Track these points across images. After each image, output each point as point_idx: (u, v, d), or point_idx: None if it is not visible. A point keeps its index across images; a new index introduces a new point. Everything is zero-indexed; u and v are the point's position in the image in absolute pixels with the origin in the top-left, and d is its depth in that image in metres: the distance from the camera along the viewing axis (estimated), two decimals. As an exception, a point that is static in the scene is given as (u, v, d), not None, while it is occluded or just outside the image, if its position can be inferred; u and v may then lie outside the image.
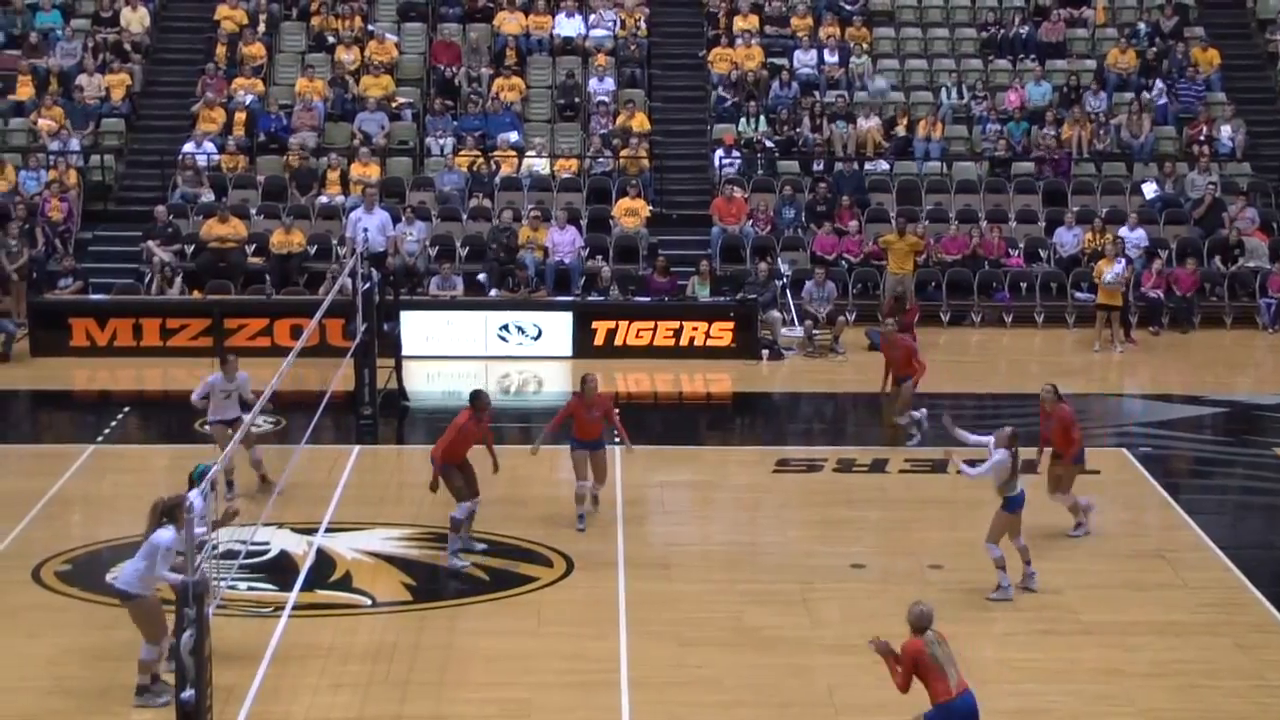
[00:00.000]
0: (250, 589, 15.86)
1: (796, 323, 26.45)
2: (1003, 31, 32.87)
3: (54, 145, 29.45)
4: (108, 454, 20.27)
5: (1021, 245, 28.63)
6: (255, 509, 16.30)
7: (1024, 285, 28.03)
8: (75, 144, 29.71)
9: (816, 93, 31.25)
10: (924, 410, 20.68)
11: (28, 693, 13.64)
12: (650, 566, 16.33)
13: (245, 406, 17.83)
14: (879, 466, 20.16)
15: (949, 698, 11.66)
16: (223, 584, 14.36)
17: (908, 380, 20.65)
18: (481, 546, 16.85)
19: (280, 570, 16.46)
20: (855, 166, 30.05)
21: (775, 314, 26.15)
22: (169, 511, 12.93)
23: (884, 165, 30.26)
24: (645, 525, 17.87)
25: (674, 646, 14.57)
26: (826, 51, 32.06)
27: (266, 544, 16.87)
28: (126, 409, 22.73)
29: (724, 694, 13.84)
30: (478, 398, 16.88)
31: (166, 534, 12.79)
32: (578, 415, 17.41)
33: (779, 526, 18.14)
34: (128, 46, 31.71)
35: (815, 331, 26.01)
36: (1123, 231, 28.12)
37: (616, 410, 18.07)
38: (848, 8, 33.19)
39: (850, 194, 29.01)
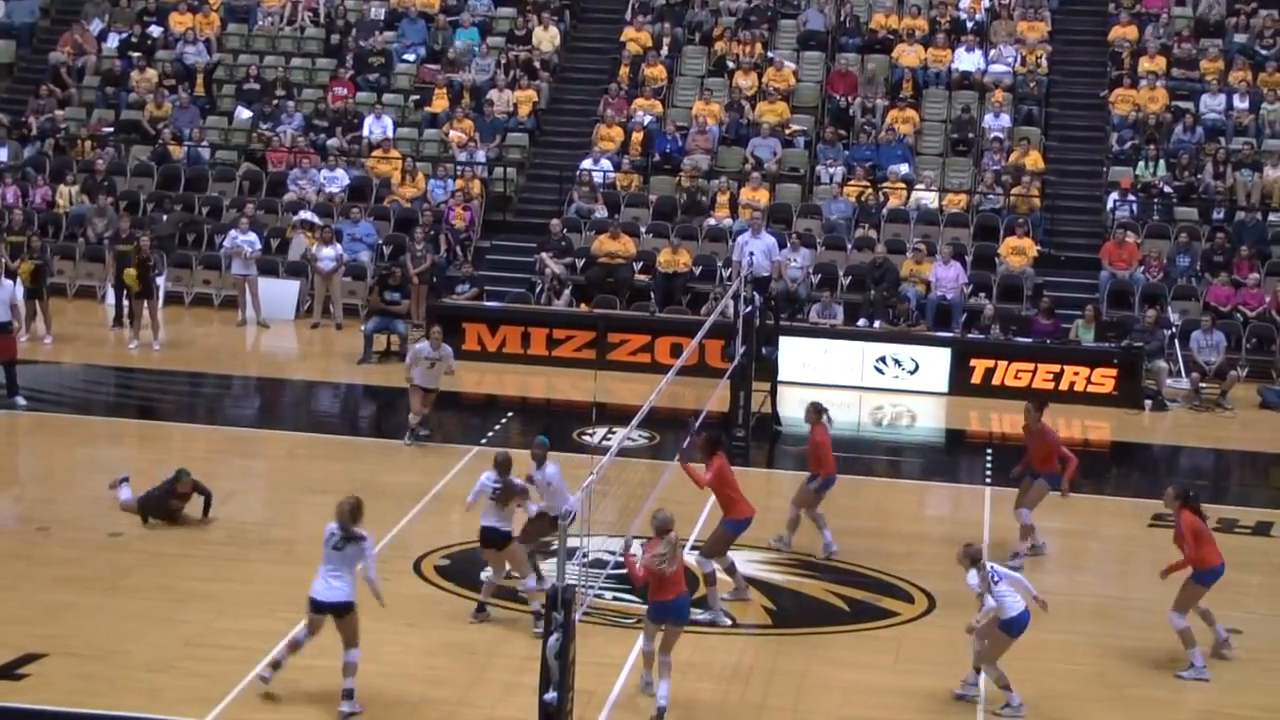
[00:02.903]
0: (615, 599, 16.28)
1: (1183, 374, 25.63)
2: None
3: (462, 156, 30.81)
4: (490, 456, 20.92)
5: None
6: (626, 521, 16.70)
7: None
8: (481, 156, 31.02)
9: (1222, 139, 30.27)
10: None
11: (404, 679, 14.30)
12: (1014, 612, 16.04)
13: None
14: (1263, 529, 19.38)
15: (668, 598, 13.44)
16: (590, 592, 14.78)
17: (1040, 479, 17.67)
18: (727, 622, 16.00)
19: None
20: (1259, 216, 28.94)
21: (1161, 364, 25.39)
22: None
23: (1290, 217, 29.09)
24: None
25: (1032, 696, 14.31)
26: (1236, 97, 31.00)
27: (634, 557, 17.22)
28: (510, 414, 23.59)
29: (1081, 750, 13.55)
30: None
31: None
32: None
33: (1152, 583, 17.57)
34: (537, 64, 32.93)
35: (1202, 384, 25.15)
36: None
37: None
38: (1263, 52, 31.99)
39: (1251, 245, 27.98)
